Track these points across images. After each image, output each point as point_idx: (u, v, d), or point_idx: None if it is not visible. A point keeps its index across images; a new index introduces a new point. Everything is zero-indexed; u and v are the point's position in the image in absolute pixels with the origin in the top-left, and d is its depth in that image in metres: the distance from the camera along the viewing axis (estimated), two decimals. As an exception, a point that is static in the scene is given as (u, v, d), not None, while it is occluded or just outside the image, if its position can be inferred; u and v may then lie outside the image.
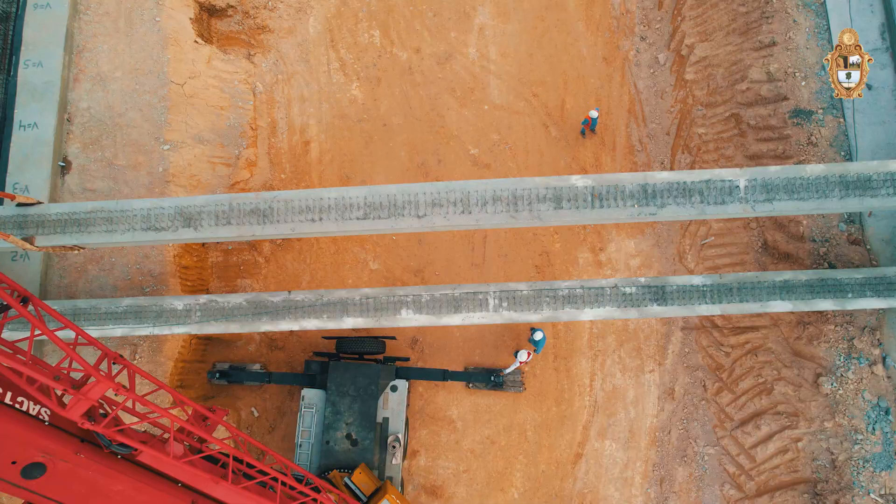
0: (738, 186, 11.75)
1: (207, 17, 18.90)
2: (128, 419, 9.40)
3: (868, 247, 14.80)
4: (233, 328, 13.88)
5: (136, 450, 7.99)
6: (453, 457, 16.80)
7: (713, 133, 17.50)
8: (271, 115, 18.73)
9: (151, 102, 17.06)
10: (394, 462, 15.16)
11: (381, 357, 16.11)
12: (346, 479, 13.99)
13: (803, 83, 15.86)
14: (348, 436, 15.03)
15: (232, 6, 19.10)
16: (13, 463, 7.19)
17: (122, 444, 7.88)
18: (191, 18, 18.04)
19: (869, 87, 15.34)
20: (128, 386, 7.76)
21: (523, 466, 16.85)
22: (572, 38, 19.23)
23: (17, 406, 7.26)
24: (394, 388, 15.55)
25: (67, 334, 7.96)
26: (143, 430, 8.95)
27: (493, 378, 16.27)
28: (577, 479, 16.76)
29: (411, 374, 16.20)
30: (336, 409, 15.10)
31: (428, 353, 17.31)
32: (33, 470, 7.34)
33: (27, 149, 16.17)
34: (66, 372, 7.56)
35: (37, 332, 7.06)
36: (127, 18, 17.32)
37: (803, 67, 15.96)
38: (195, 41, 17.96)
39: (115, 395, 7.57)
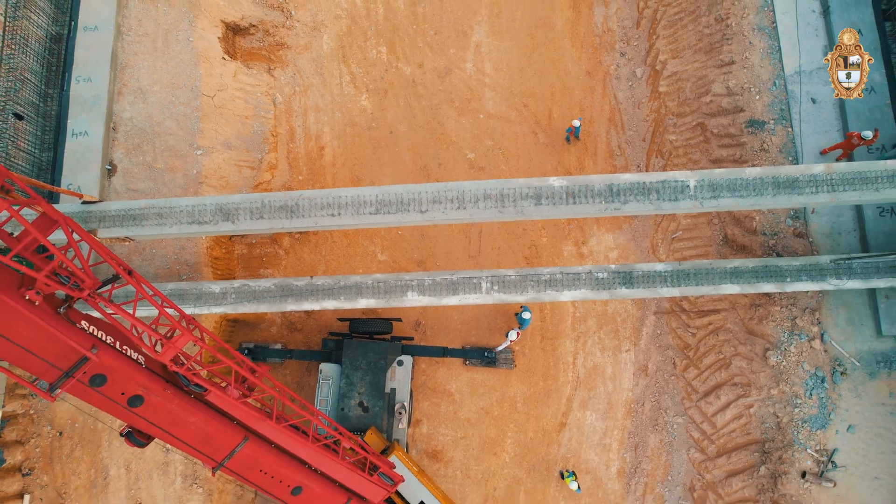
0: (688, 186, 14.35)
1: (233, 36, 21.55)
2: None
3: (810, 240, 17.41)
4: (262, 308, 16.49)
5: (206, 390, 10.60)
6: (452, 425, 19.38)
7: (682, 139, 20.11)
8: (290, 123, 21.36)
9: (185, 113, 19.70)
10: (400, 426, 17.76)
11: (388, 336, 18.71)
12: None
13: (757, 97, 18.47)
14: (360, 403, 17.63)
15: (254, 25, 21.75)
16: (122, 394, 9.81)
17: (196, 385, 10.49)
18: (219, 37, 20.68)
19: (813, 100, 17.95)
20: (201, 337, 10.38)
21: (514, 434, 19.42)
22: (559, 54, 21.85)
23: (123, 351, 9.87)
24: (400, 363, 18.15)
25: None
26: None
27: (486, 354, 18.87)
28: (561, 446, 19.33)
29: (415, 350, 18.83)
30: (350, 381, 17.70)
31: (430, 335, 19.91)
32: (135, 400, 9.96)
33: (78, 154, 18.78)
34: (154, 328, 10.17)
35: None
36: (164, 39, 19.96)
37: (758, 83, 18.58)
38: (223, 58, 20.60)
39: (194, 345, 10.18)
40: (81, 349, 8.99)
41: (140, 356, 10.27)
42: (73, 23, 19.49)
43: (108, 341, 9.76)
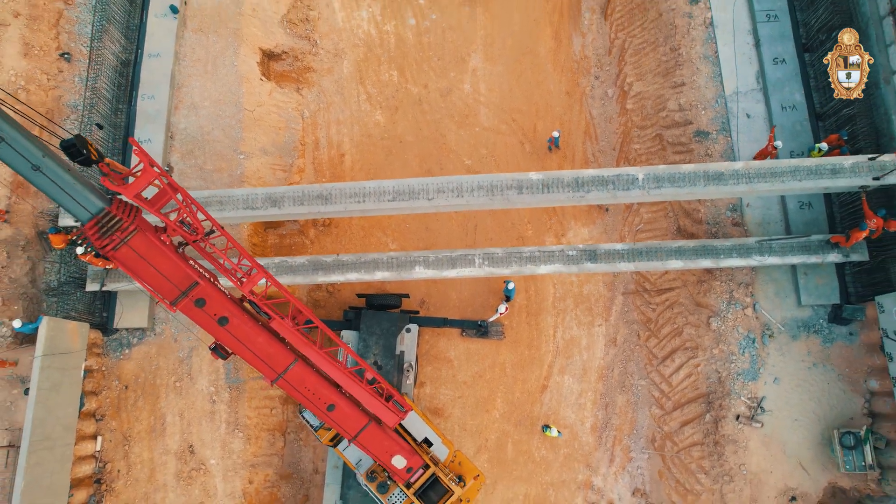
0: (637, 178, 18.74)
1: (268, 61, 26.23)
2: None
3: (745, 228, 21.74)
4: (298, 279, 20.75)
5: (270, 317, 14.82)
6: (451, 386, 23.49)
7: (644, 148, 24.61)
8: (315, 135, 25.89)
9: (230, 124, 24.22)
10: (408, 382, 21.88)
11: (398, 309, 22.93)
12: (374, 389, 20.68)
13: (703, 112, 23.00)
14: (375, 363, 21.76)
15: (286, 52, 26.44)
16: (215, 315, 14.04)
17: (265, 313, 14.72)
18: (257, 62, 25.34)
19: (748, 115, 22.46)
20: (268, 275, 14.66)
21: (503, 394, 23.50)
22: (543, 76, 26.50)
23: (215, 284, 14.14)
24: (408, 330, 22.33)
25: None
26: (266, 315, 15.73)
27: (479, 324, 23.08)
28: (543, 405, 23.39)
29: (420, 321, 23.03)
30: (366, 344, 21.86)
31: (432, 310, 24.11)
32: (223, 320, 14.18)
33: (143, 157, 23.21)
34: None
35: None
36: (213, 63, 24.60)
37: (703, 101, 23.13)
38: (260, 79, 25.23)
39: (266, 283, 14.47)
40: (194, 276, 13.28)
41: (225, 290, 14.55)
42: (139, 51, 24.14)
43: (206, 275, 14.05)
